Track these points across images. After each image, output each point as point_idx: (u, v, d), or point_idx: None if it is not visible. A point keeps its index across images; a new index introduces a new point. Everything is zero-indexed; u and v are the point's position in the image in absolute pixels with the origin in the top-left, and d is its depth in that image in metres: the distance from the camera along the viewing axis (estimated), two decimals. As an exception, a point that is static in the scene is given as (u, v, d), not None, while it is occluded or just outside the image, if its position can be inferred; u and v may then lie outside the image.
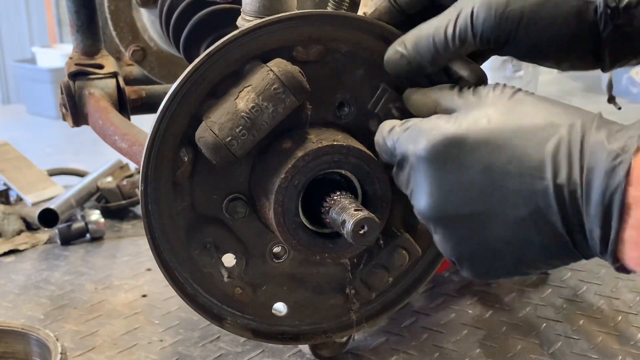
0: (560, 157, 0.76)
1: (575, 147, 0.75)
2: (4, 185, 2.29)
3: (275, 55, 0.99)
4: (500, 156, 0.79)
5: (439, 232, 0.85)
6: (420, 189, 0.85)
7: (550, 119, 0.79)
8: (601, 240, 0.74)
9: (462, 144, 0.81)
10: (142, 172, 1.01)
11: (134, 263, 1.88)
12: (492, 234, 0.81)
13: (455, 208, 0.82)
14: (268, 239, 1.09)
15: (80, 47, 1.72)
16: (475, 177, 0.80)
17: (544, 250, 0.80)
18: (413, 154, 0.85)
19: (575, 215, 0.75)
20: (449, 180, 0.82)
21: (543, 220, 0.77)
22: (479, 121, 0.82)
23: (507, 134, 0.79)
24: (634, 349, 1.40)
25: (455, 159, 0.81)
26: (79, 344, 1.45)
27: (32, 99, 7.92)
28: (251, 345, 1.41)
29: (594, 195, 0.73)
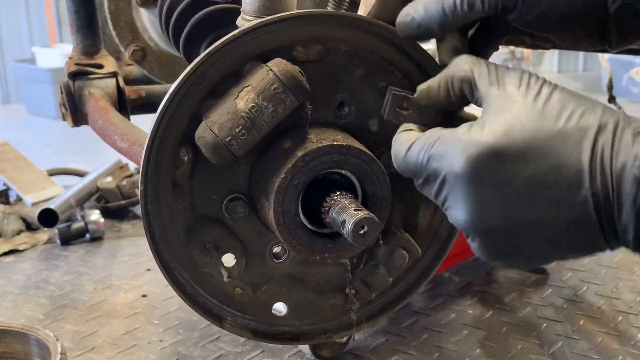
0: (594, 166, 0.77)
1: (607, 152, 0.76)
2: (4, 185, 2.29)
3: (275, 55, 0.99)
4: (538, 167, 0.79)
5: (478, 241, 0.86)
6: (458, 204, 0.84)
7: (580, 122, 0.79)
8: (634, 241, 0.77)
9: (500, 158, 0.81)
10: (141, 172, 1.01)
11: (133, 263, 1.88)
12: (530, 242, 0.83)
13: (496, 220, 0.82)
14: (268, 239, 1.09)
15: (80, 47, 1.72)
16: (514, 190, 0.81)
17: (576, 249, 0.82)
18: (449, 171, 0.83)
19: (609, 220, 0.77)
20: (489, 194, 0.82)
21: (582, 228, 0.79)
22: (512, 129, 0.81)
23: (542, 143, 0.80)
24: (634, 349, 1.40)
25: (494, 173, 0.81)
26: (79, 344, 1.45)
27: (32, 99, 7.92)
28: (251, 345, 1.41)
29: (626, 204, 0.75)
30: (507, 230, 0.83)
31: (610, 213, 0.77)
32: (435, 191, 0.87)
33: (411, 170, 0.88)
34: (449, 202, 0.85)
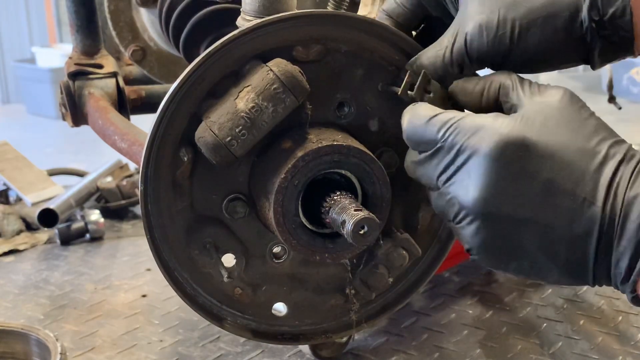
0: (611, 188, 0.80)
1: (624, 180, 0.80)
2: (4, 185, 2.29)
3: (275, 55, 0.99)
4: (561, 173, 0.82)
5: (474, 225, 0.86)
6: (471, 181, 0.85)
7: (609, 150, 0.82)
8: (626, 270, 0.79)
9: (530, 151, 0.83)
10: (141, 172, 1.01)
11: (133, 263, 1.88)
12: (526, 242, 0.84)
13: (504, 209, 0.84)
14: (268, 239, 1.09)
15: (80, 46, 1.72)
16: (533, 186, 0.83)
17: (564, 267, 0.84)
18: (474, 147, 0.85)
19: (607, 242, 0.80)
20: (507, 181, 0.83)
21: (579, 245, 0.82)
22: (548, 130, 0.84)
23: (571, 153, 0.82)
24: (634, 349, 1.40)
25: (520, 164, 0.83)
26: (79, 344, 1.45)
27: (32, 99, 7.92)
28: (251, 345, 1.41)
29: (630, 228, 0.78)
30: (511, 223, 0.84)
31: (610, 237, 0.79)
32: (445, 164, 0.88)
33: (426, 138, 0.90)
34: (459, 177, 0.86)
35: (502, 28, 0.93)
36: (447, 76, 0.97)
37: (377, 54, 1.03)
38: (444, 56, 0.97)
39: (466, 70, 0.97)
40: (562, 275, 0.85)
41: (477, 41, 0.94)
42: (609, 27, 0.92)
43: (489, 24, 0.93)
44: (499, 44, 0.93)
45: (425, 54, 0.99)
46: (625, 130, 4.82)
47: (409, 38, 1.03)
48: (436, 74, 0.98)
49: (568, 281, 0.86)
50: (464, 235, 0.89)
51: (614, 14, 0.91)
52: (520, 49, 0.93)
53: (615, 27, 0.91)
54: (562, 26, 0.92)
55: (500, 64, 0.95)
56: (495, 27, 0.93)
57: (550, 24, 0.92)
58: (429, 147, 0.90)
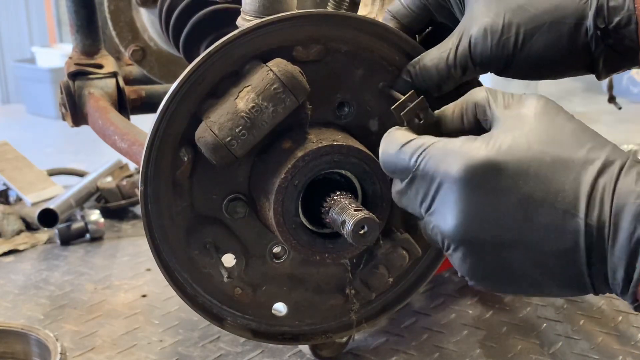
0: (594, 196, 0.77)
1: (609, 187, 0.76)
2: (4, 185, 2.29)
3: (275, 55, 0.99)
4: (537, 188, 0.79)
5: (460, 252, 0.84)
6: (447, 209, 0.83)
7: (589, 155, 0.79)
8: (624, 280, 0.76)
9: (501, 170, 0.80)
10: (141, 172, 1.01)
11: (133, 263, 1.88)
12: (516, 263, 0.82)
13: (485, 233, 0.81)
14: (268, 239, 1.09)
15: (80, 47, 1.72)
16: (509, 205, 0.80)
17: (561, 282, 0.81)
18: (444, 174, 0.82)
19: (599, 253, 0.77)
20: (482, 204, 0.80)
21: (569, 256, 0.78)
22: (519, 146, 0.80)
23: (546, 165, 0.79)
24: (634, 349, 1.40)
25: (492, 185, 0.80)
26: (79, 344, 1.45)
27: (31, 99, 7.91)
28: (251, 345, 1.41)
29: (621, 238, 0.75)
30: (495, 246, 0.81)
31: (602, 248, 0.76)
32: (423, 193, 0.85)
33: (399, 166, 0.87)
34: (436, 206, 0.84)
35: (507, 32, 0.92)
36: (450, 78, 0.97)
37: (377, 54, 1.03)
38: (448, 58, 0.96)
39: (469, 73, 0.96)
40: (563, 289, 0.83)
41: (481, 45, 0.94)
42: (614, 36, 0.91)
43: (493, 28, 0.93)
44: (503, 48, 0.93)
45: (429, 54, 0.99)
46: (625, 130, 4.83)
47: (409, 38, 1.03)
48: (438, 75, 0.97)
49: (572, 293, 0.84)
50: (454, 263, 0.86)
51: (619, 23, 0.90)
52: (524, 54, 0.93)
53: (620, 36, 0.91)
54: (567, 33, 0.92)
55: (503, 70, 0.95)
56: (499, 31, 0.93)
57: (555, 31, 0.92)
58: (404, 176, 0.87)
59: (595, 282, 0.79)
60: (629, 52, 0.92)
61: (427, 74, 0.99)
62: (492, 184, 0.80)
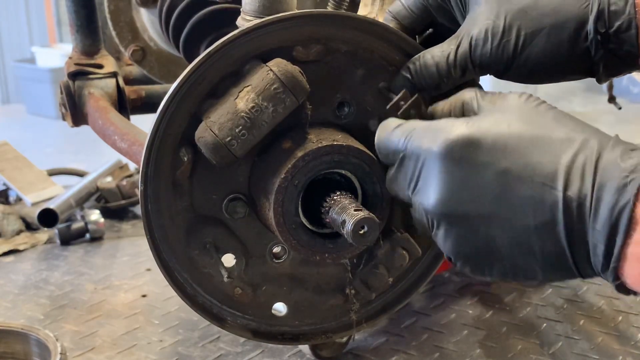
0: (574, 171, 0.77)
1: (590, 162, 0.76)
2: (4, 185, 2.29)
3: (275, 55, 0.99)
4: (515, 163, 0.80)
5: (442, 228, 0.85)
6: (429, 184, 0.85)
7: (569, 134, 0.79)
8: (604, 256, 0.75)
9: (480, 145, 0.81)
10: (141, 172, 1.01)
11: (133, 263, 1.88)
12: (496, 237, 0.82)
13: (464, 207, 0.82)
14: (268, 239, 1.09)
15: (80, 47, 1.72)
16: (488, 179, 0.81)
17: (543, 261, 0.81)
18: (427, 150, 0.85)
19: (580, 229, 0.76)
20: (461, 178, 0.82)
21: (548, 231, 0.78)
22: (499, 125, 0.82)
23: (525, 141, 0.80)
24: (634, 349, 1.40)
25: (471, 159, 0.82)
26: (79, 344, 1.45)
27: (31, 99, 7.91)
28: (251, 345, 1.41)
29: (603, 210, 0.74)
30: (474, 220, 0.82)
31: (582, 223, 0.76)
32: (410, 173, 0.88)
33: (391, 149, 0.90)
34: (421, 183, 0.86)
35: (508, 35, 0.93)
36: (449, 78, 0.97)
37: (377, 54, 1.03)
38: (448, 57, 0.97)
39: (468, 74, 0.97)
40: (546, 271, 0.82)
41: (482, 46, 0.94)
42: (614, 41, 0.91)
43: (494, 30, 0.93)
44: (503, 51, 0.93)
45: (430, 52, 0.99)
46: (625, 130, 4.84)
47: (409, 38, 1.03)
48: (438, 74, 0.97)
49: (555, 276, 0.83)
50: (439, 243, 0.88)
51: (619, 28, 0.90)
52: (524, 57, 0.93)
53: (620, 41, 0.91)
54: (567, 37, 0.92)
55: (502, 72, 0.95)
56: (500, 34, 0.93)
57: (556, 34, 0.92)
58: (396, 158, 0.90)
59: (578, 261, 0.78)
60: (628, 56, 0.92)
61: (427, 72, 0.99)
62: (471, 158, 0.81)
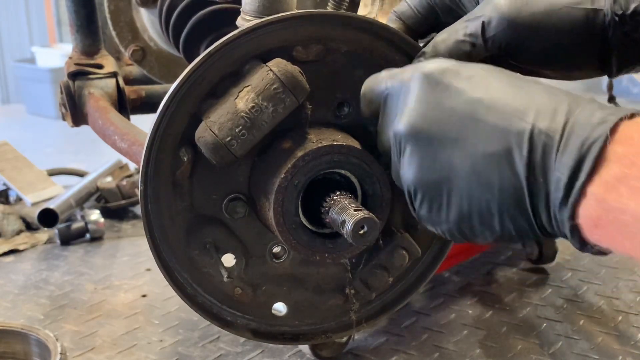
0: (547, 109, 0.75)
1: (564, 105, 0.75)
2: (4, 185, 2.29)
3: (275, 55, 0.99)
4: (488, 93, 0.80)
5: (408, 151, 0.85)
6: (404, 107, 0.86)
7: (548, 88, 0.79)
8: (565, 189, 0.71)
9: (458, 74, 0.83)
10: (141, 172, 1.01)
11: (133, 263, 1.88)
12: (457, 163, 0.81)
13: (431, 127, 0.82)
14: (268, 239, 1.09)
15: (80, 47, 1.72)
16: (459, 103, 0.81)
17: (499, 197, 0.78)
18: (407, 80, 0.86)
19: (542, 165, 0.74)
20: (433, 100, 0.83)
21: (508, 160, 0.76)
22: (482, 66, 0.84)
23: (503, 80, 0.81)
24: (634, 349, 1.40)
25: (447, 83, 0.82)
26: (79, 344, 1.45)
27: (31, 99, 7.91)
28: (251, 345, 1.41)
29: (573, 144, 0.72)
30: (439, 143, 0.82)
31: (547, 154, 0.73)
32: (392, 107, 0.89)
33: (376, 90, 0.92)
34: (398, 110, 0.87)
35: (523, 12, 0.92)
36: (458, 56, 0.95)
37: (377, 54, 1.03)
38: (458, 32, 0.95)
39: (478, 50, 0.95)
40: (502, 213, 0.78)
41: (496, 21, 0.92)
42: (630, 23, 0.90)
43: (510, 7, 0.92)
44: (517, 27, 0.92)
45: (442, 32, 0.98)
46: (625, 130, 4.74)
47: (409, 38, 1.03)
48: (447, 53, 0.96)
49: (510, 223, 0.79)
50: (403, 172, 0.87)
51: (636, 10, 0.90)
52: (538, 36, 0.92)
53: (637, 23, 0.90)
54: (582, 18, 0.91)
55: (514, 53, 0.94)
56: (516, 11, 0.92)
57: (571, 15, 0.91)
58: (380, 102, 0.91)
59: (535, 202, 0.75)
60: None
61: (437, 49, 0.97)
62: (447, 84, 0.82)
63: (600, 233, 0.71)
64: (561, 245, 1.75)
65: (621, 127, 0.70)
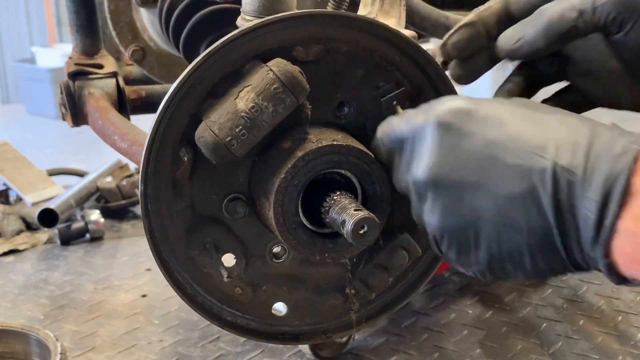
0: (566, 144, 0.74)
1: (584, 138, 0.74)
2: (4, 185, 2.29)
3: (275, 55, 0.99)
4: (504, 131, 0.78)
5: (429, 200, 0.84)
6: (420, 154, 0.85)
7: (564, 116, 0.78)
8: (595, 227, 0.71)
9: (471, 114, 0.81)
10: (141, 172, 1.01)
11: (133, 263, 1.88)
12: (482, 207, 0.79)
13: (451, 174, 0.81)
14: (268, 239, 1.09)
15: (80, 47, 1.72)
16: (476, 146, 0.80)
17: (528, 237, 0.77)
18: (422, 122, 0.85)
19: (568, 202, 0.73)
20: (449, 145, 0.82)
21: (533, 199, 0.75)
22: (493, 102, 0.83)
23: (517, 117, 0.79)
24: (634, 349, 1.40)
25: (461, 127, 0.81)
26: (79, 344, 1.45)
27: (31, 99, 7.91)
28: (251, 345, 1.41)
29: (597, 178, 0.71)
30: (460, 189, 0.81)
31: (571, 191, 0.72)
32: (407, 153, 0.88)
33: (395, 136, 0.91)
34: (414, 156, 0.86)
35: None
36: (559, 23, 0.94)
37: (377, 54, 1.03)
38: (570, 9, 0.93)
39: (584, 20, 0.92)
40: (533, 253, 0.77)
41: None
42: None
43: None
44: (626, 5, 0.89)
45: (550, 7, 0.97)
46: (625, 130, 4.73)
47: (409, 38, 1.03)
48: (544, 23, 0.95)
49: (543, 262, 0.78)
50: (426, 220, 0.86)
51: None
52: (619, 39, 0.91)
53: None
54: None
55: (619, 27, 0.91)
56: None
57: None
58: (399, 145, 0.91)
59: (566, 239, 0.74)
60: None
61: (539, 19, 0.96)
62: (461, 126, 0.81)
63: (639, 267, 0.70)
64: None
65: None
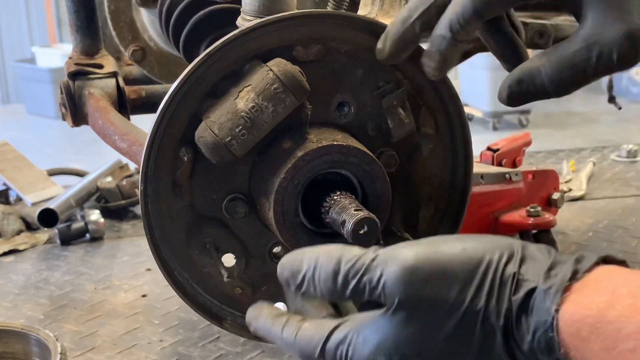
0: (484, 285, 0.71)
1: (498, 274, 0.71)
2: (4, 185, 2.29)
3: (275, 55, 0.99)
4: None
5: None
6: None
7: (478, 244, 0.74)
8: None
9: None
10: (141, 172, 1.01)
11: (133, 263, 1.87)
12: None
13: None
14: (268, 239, 1.09)
15: (80, 46, 1.72)
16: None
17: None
18: None
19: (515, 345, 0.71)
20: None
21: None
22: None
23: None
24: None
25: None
26: (79, 344, 1.45)
27: (31, 99, 7.93)
28: (251, 345, 1.41)
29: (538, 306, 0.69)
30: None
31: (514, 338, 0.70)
32: None
33: None
34: None
35: None
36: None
37: (377, 53, 1.03)
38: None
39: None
40: None
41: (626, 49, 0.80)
42: None
43: None
44: None
45: None
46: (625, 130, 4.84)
47: (409, 38, 1.03)
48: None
49: None
50: None
51: None
52: None
53: None
54: None
55: None
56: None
57: None
58: None
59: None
60: None
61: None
62: None
63: None
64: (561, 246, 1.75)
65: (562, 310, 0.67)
